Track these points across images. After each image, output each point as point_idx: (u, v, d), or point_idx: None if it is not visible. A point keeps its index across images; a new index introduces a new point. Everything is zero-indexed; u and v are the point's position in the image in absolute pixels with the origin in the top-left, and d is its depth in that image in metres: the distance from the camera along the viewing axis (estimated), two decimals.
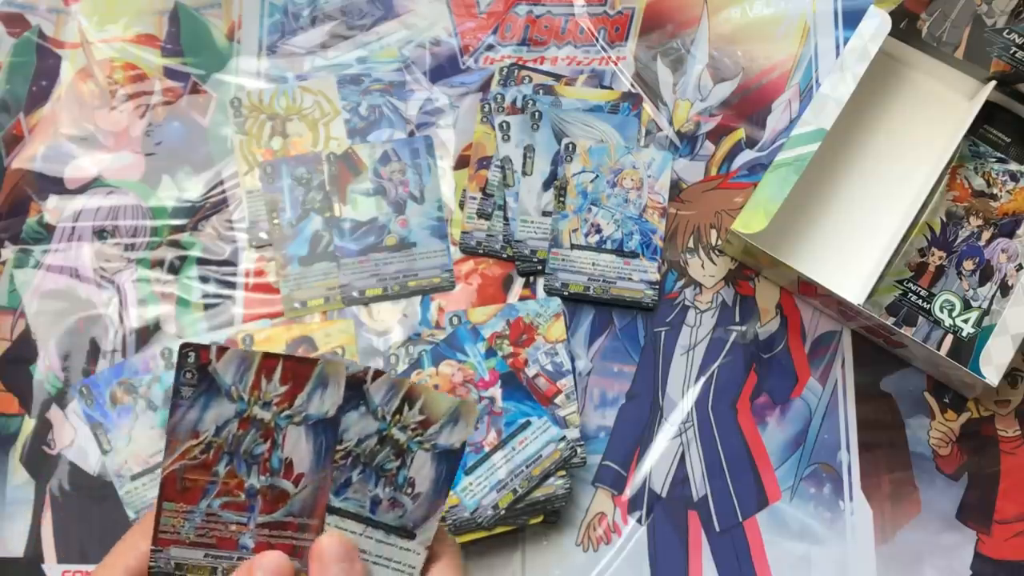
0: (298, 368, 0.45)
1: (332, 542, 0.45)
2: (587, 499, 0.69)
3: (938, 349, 0.68)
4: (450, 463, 0.47)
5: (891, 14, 0.71)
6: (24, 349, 0.73)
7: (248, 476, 0.45)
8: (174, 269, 0.74)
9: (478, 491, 0.65)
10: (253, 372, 0.44)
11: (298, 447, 0.46)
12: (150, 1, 0.80)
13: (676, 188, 0.75)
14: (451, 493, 0.65)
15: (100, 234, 0.75)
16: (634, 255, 0.73)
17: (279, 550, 0.45)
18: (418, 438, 0.46)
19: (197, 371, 0.44)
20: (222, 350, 0.44)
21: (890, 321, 0.68)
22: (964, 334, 0.69)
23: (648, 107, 0.76)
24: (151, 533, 0.45)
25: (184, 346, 0.44)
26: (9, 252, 0.75)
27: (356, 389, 0.46)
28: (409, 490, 0.47)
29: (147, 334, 0.73)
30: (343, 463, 0.46)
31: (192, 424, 0.45)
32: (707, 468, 0.70)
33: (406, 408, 0.46)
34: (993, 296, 0.70)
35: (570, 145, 0.74)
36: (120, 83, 0.78)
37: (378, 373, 0.45)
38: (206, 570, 0.46)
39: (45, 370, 0.72)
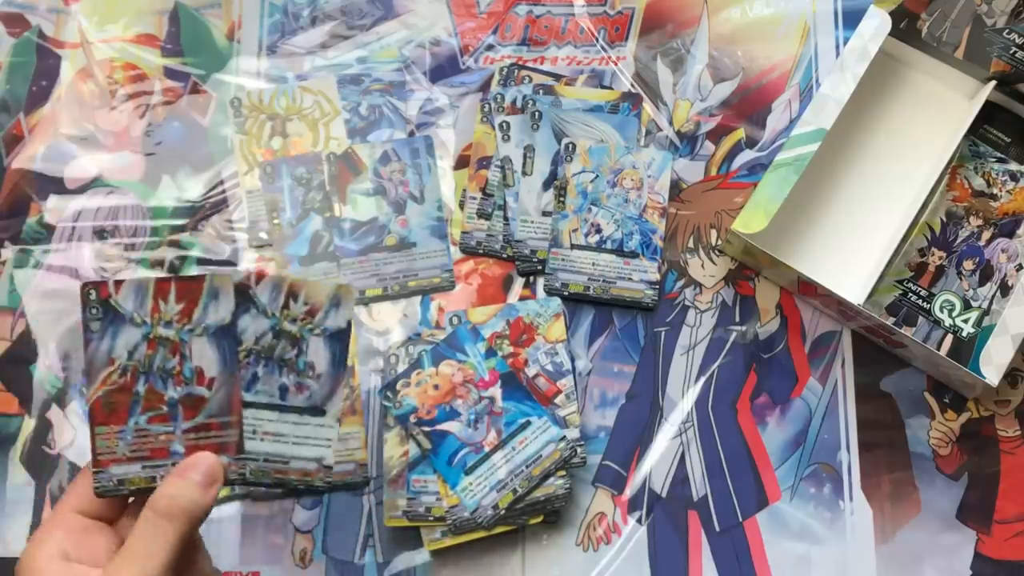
0: (189, 286, 0.50)
1: (196, 458, 0.51)
2: (587, 499, 0.69)
3: (938, 349, 0.68)
4: (342, 342, 0.53)
5: (891, 14, 0.71)
6: (24, 349, 0.73)
7: (166, 389, 0.51)
8: (174, 269, 0.74)
9: (478, 491, 0.65)
10: (150, 297, 0.50)
11: (204, 355, 0.51)
12: (150, 1, 0.80)
13: (676, 188, 0.75)
14: (451, 493, 0.65)
15: (100, 234, 0.75)
16: (634, 255, 0.73)
17: (207, 450, 0.51)
18: (308, 326, 0.52)
19: (100, 305, 0.50)
20: (119, 283, 0.50)
21: (890, 321, 0.69)
22: (964, 334, 0.69)
23: (648, 107, 0.76)
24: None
25: (84, 285, 0.49)
26: (9, 252, 0.75)
27: (244, 295, 0.51)
28: (310, 372, 0.53)
29: None
30: (247, 362, 0.51)
31: (106, 353, 0.50)
32: (707, 468, 0.70)
33: (291, 302, 0.52)
34: (993, 296, 0.70)
35: (570, 145, 0.74)
36: (120, 83, 0.78)
37: (260, 276, 0.51)
38: (145, 480, 0.51)
39: (45, 370, 0.72)
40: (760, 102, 0.77)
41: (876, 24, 0.71)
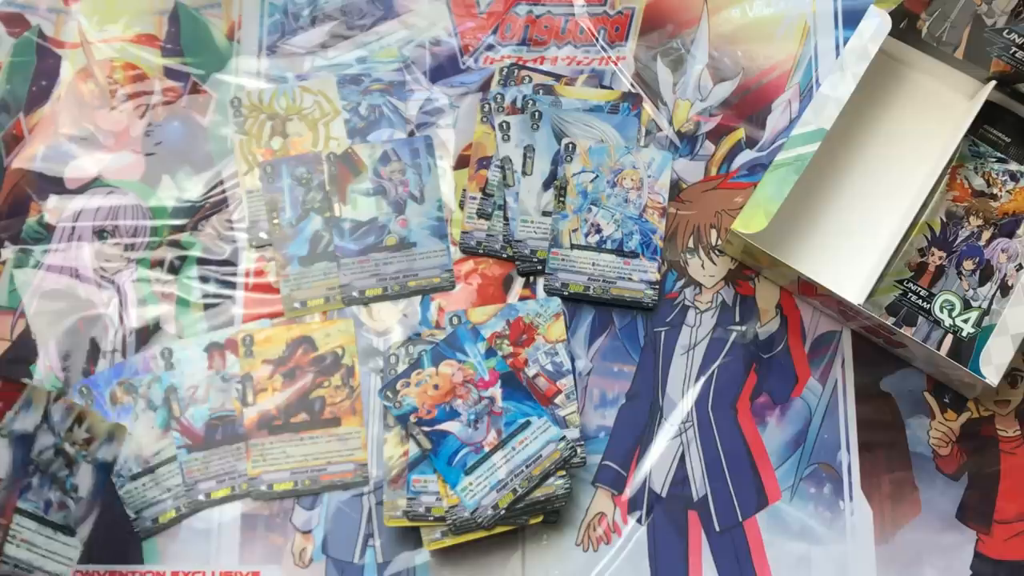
0: (10, 390, 0.53)
1: None
2: (587, 499, 0.69)
3: (938, 349, 0.68)
4: (106, 473, 0.58)
5: (891, 14, 0.71)
6: (24, 349, 0.73)
7: None
8: (174, 269, 0.74)
9: (478, 491, 0.65)
10: None
11: (1, 457, 0.53)
12: (150, 1, 0.80)
13: (676, 188, 0.75)
14: (451, 493, 0.65)
15: (100, 234, 0.75)
16: (634, 255, 0.73)
17: None
18: (83, 451, 0.57)
19: None
20: None
21: (890, 321, 0.69)
22: (964, 334, 0.69)
23: (648, 107, 0.76)
24: None
25: None
26: (9, 252, 0.75)
27: (46, 410, 0.55)
28: (74, 494, 0.56)
29: (147, 334, 0.73)
30: (28, 470, 0.54)
31: None
32: (707, 468, 0.70)
33: (76, 427, 0.56)
34: (993, 296, 0.70)
35: (570, 145, 0.74)
36: (120, 83, 0.78)
37: (59, 395, 0.55)
38: None
39: (45, 370, 0.72)
40: (760, 102, 0.77)
41: (876, 24, 0.71)
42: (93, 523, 0.59)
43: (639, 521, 0.69)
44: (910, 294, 0.70)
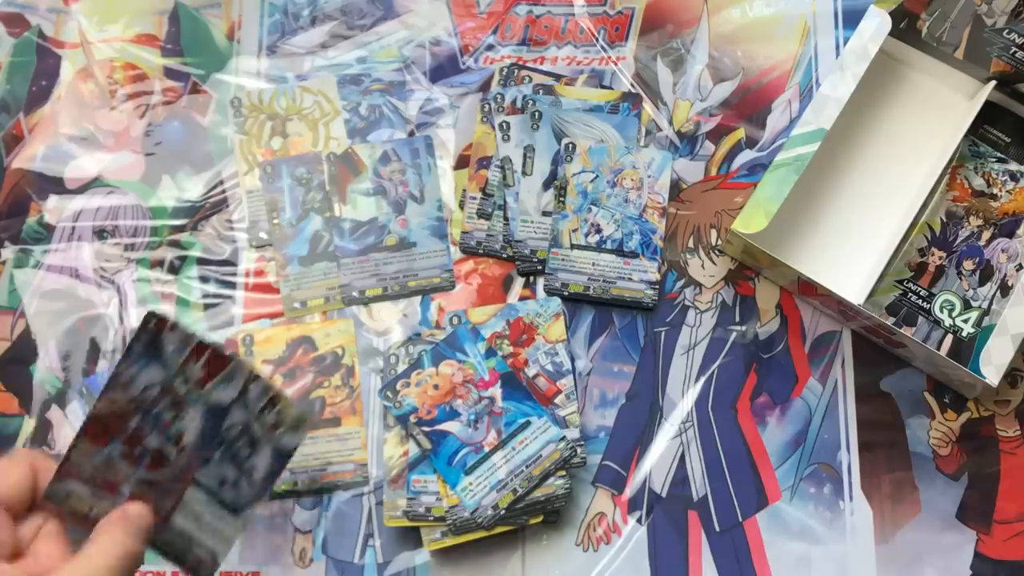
0: (218, 360, 0.52)
1: (137, 510, 0.51)
2: (587, 499, 0.69)
3: (938, 349, 0.68)
4: (281, 461, 0.56)
5: (891, 14, 0.71)
6: (24, 349, 0.73)
7: (149, 435, 0.52)
8: (174, 269, 0.74)
9: (478, 491, 0.65)
10: (188, 351, 0.52)
11: (192, 423, 0.53)
12: (150, 1, 0.80)
13: (676, 188, 0.75)
14: (451, 493, 0.65)
15: (100, 234, 0.75)
16: (634, 255, 0.73)
17: (146, 504, 0.52)
18: (269, 435, 0.55)
19: (153, 335, 0.51)
20: (174, 325, 0.51)
21: (890, 321, 0.68)
22: (964, 334, 0.69)
23: (648, 107, 0.76)
24: (25, 466, 0.51)
25: (150, 313, 0.50)
26: (9, 252, 0.75)
27: (245, 388, 0.54)
28: (249, 476, 0.55)
29: None
30: (214, 444, 0.54)
31: (131, 376, 0.51)
32: (707, 468, 0.70)
33: (268, 409, 0.55)
34: (993, 296, 0.70)
35: (570, 145, 0.74)
36: (120, 83, 0.78)
37: (258, 377, 0.54)
38: (86, 505, 0.52)
39: (45, 370, 0.72)
40: (760, 102, 0.77)
41: (876, 24, 0.71)
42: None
43: (639, 521, 0.69)
44: (910, 294, 0.70)
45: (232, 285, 0.74)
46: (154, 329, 0.51)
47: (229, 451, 0.54)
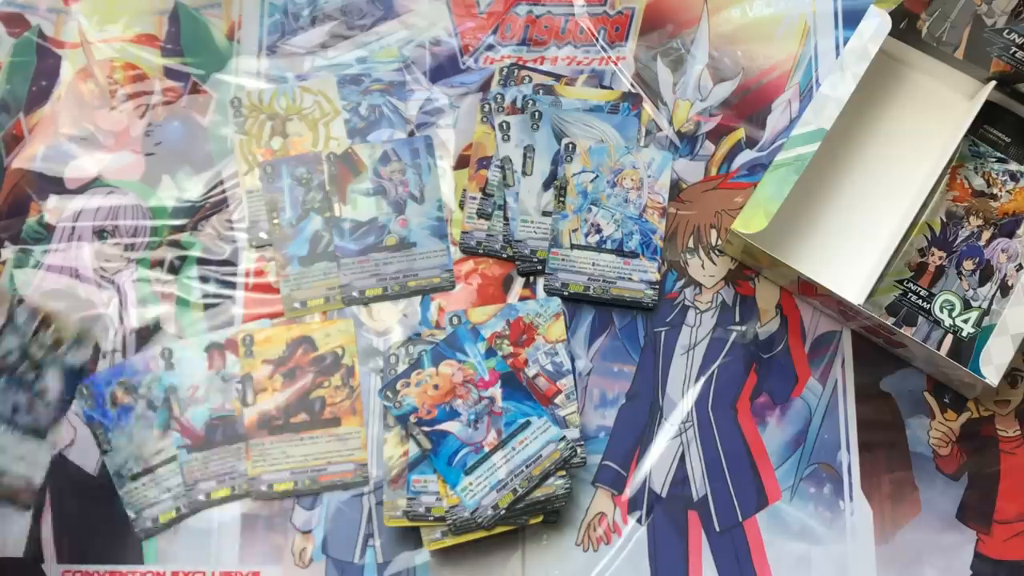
0: None
1: None
2: (587, 499, 0.69)
3: (938, 349, 0.68)
4: (75, 377, 0.57)
5: (891, 14, 0.71)
6: None
7: None
8: (174, 269, 0.74)
9: (478, 491, 0.65)
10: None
11: None
12: (150, 1, 0.80)
13: (676, 188, 0.75)
14: (451, 493, 0.65)
15: (100, 234, 0.75)
16: (634, 255, 0.73)
17: None
18: (53, 355, 0.57)
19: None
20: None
21: (890, 321, 0.68)
22: (964, 334, 0.69)
23: (648, 107, 0.76)
24: None
25: None
26: (9, 252, 0.75)
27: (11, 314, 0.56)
28: (42, 398, 0.57)
29: (147, 334, 0.73)
30: None
31: None
32: (707, 468, 0.70)
33: (42, 330, 0.57)
34: (993, 296, 0.70)
35: (570, 145, 0.74)
36: (120, 83, 0.78)
37: (22, 301, 0.55)
38: None
39: None
40: (760, 102, 0.77)
41: (876, 24, 0.71)
42: (64, 428, 0.60)
43: (639, 521, 0.69)
44: (910, 294, 0.70)
45: (232, 285, 0.74)
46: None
47: (13, 378, 0.55)
